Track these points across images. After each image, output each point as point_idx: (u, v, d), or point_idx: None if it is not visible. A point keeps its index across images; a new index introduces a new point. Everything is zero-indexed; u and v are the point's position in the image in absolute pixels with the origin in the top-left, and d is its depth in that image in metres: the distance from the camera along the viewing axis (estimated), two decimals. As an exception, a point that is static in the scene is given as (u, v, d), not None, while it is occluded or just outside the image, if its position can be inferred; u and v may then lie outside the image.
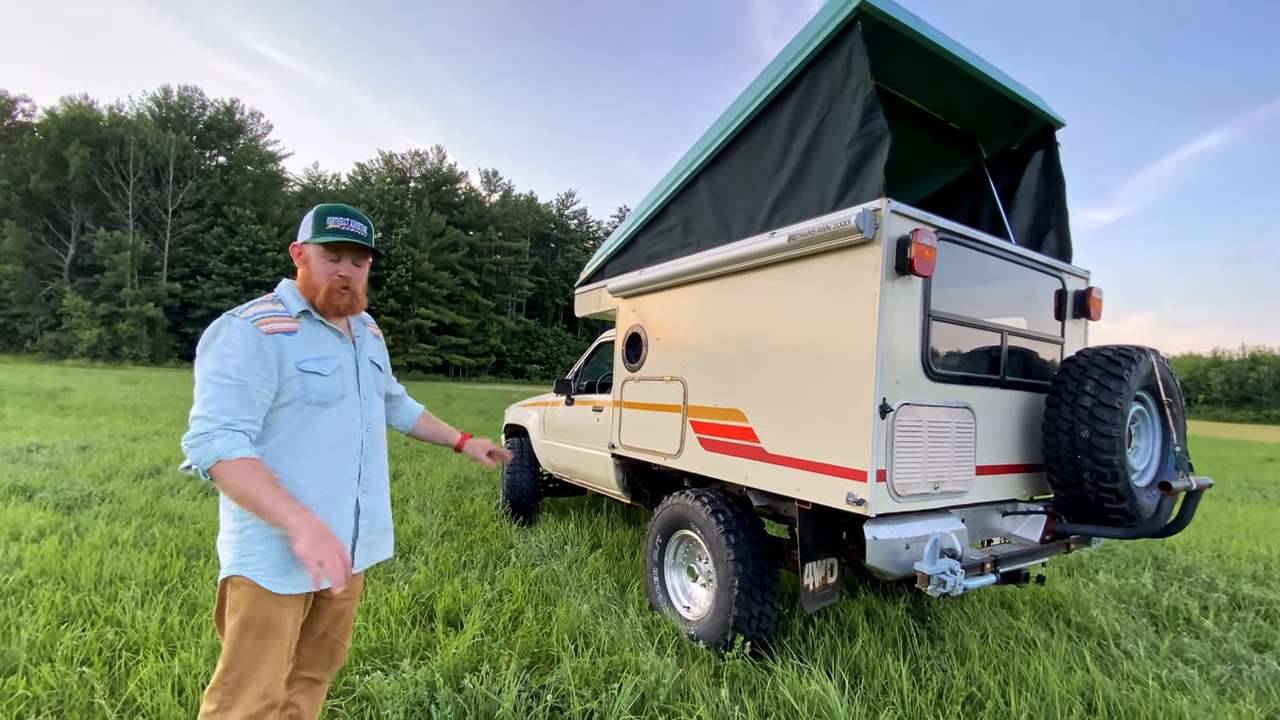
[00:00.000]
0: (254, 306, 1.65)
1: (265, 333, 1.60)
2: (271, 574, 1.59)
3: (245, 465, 1.48)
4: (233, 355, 1.54)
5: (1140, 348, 3.00)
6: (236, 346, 1.55)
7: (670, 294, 3.80)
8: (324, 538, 1.46)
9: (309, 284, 1.74)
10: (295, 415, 1.66)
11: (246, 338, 1.57)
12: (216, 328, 1.58)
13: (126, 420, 11.36)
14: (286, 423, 1.65)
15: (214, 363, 1.54)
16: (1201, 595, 4.40)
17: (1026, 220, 3.85)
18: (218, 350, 1.55)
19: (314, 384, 1.67)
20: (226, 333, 1.57)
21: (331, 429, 1.72)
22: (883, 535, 2.49)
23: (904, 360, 2.58)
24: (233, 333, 1.56)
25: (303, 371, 1.65)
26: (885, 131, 2.60)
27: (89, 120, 44.92)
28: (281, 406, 1.64)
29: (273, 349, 1.60)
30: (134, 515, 5.01)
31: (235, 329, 1.57)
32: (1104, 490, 2.83)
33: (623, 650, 2.99)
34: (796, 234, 2.75)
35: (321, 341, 1.74)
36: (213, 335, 1.57)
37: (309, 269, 1.74)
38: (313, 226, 1.73)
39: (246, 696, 1.56)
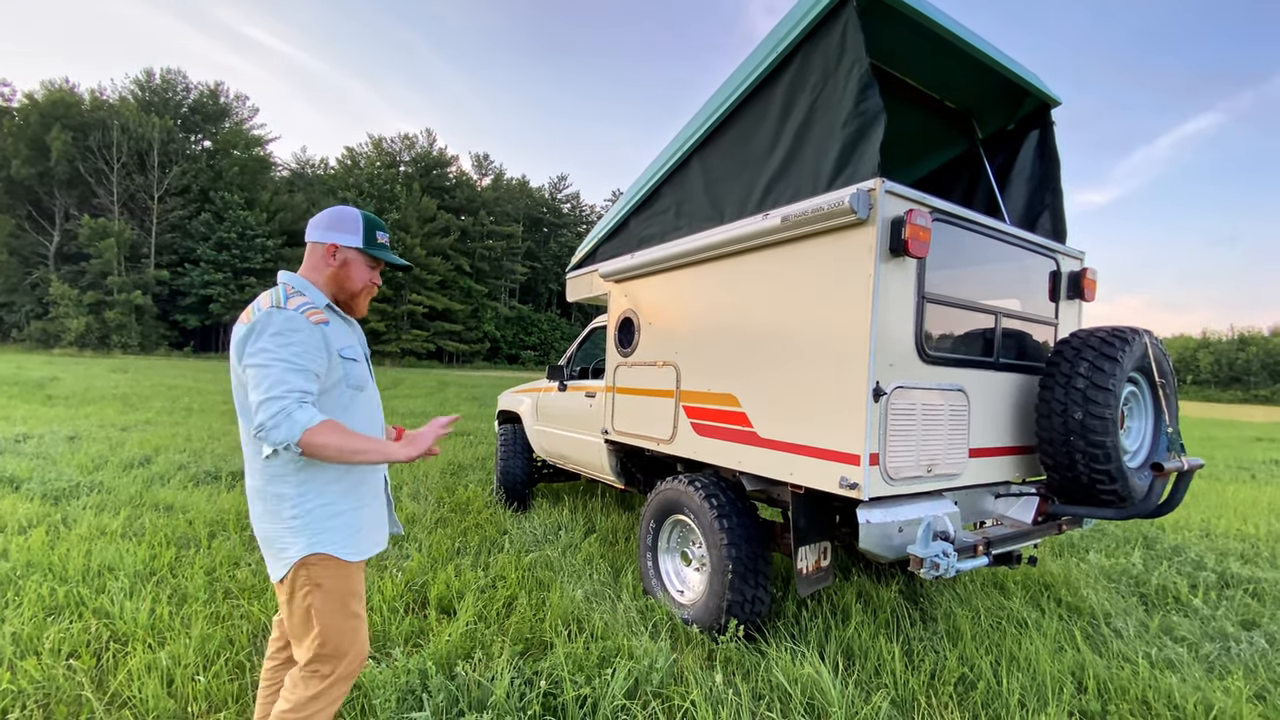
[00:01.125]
0: (293, 300, 1.71)
1: (313, 323, 1.69)
2: (346, 545, 1.75)
3: (331, 425, 1.59)
4: (291, 344, 1.62)
5: (1134, 329, 2.99)
6: (294, 336, 1.63)
7: (662, 278, 3.75)
8: (415, 441, 1.74)
9: (343, 285, 1.87)
10: (340, 398, 1.78)
11: (301, 327, 1.65)
12: (266, 320, 1.63)
13: (116, 409, 11.26)
14: (333, 405, 1.75)
15: (276, 350, 1.60)
16: (1190, 574, 4.44)
17: (1021, 201, 3.82)
18: (275, 339, 1.61)
19: (352, 370, 1.81)
20: (280, 323, 1.63)
21: (364, 410, 1.87)
22: (876, 519, 2.48)
23: (897, 343, 2.55)
24: (288, 322, 1.64)
25: (344, 359, 1.78)
26: (880, 110, 2.55)
27: (70, 104, 44.11)
28: (326, 391, 1.74)
29: (321, 337, 1.70)
30: (123, 505, 4.97)
31: (289, 319, 1.64)
32: (1096, 472, 2.82)
33: (616, 635, 2.99)
34: (790, 215, 2.71)
35: (345, 332, 1.87)
36: (263, 328, 1.62)
37: (348, 272, 1.86)
38: (363, 236, 1.85)
39: (348, 661, 1.76)
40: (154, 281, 44.02)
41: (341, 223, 1.85)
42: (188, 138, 50.50)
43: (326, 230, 1.84)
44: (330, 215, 1.87)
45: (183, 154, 48.23)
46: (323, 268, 1.85)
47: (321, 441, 1.55)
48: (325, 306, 1.80)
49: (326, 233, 1.84)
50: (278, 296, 1.70)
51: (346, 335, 1.85)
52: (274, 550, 1.73)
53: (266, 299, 1.70)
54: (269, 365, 1.58)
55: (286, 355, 1.59)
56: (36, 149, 42.70)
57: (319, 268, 1.85)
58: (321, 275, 1.85)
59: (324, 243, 1.83)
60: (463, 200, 65.19)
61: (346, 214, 1.87)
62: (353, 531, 1.77)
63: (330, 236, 1.83)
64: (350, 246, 1.84)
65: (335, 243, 1.83)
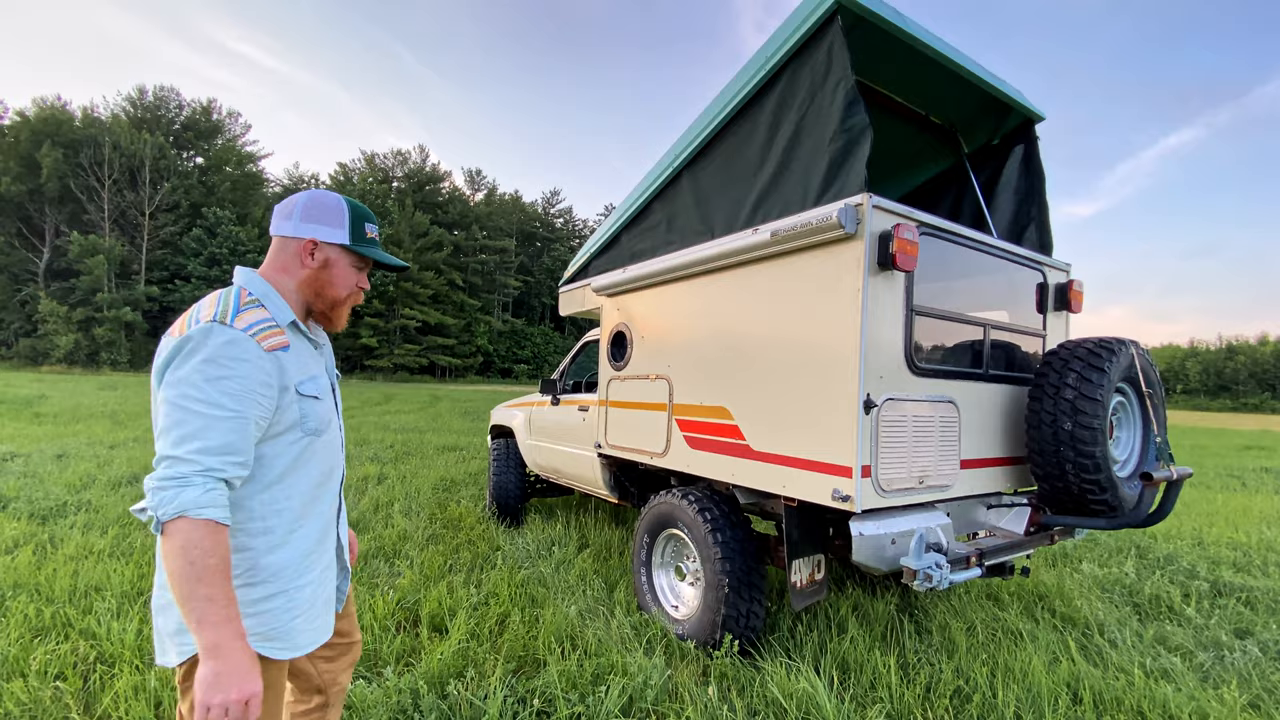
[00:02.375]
0: (244, 314, 1.29)
1: (266, 350, 1.28)
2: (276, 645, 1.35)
3: (209, 534, 1.14)
4: (228, 377, 1.20)
5: (1121, 339, 3.02)
6: (235, 367, 1.22)
7: (654, 292, 3.77)
8: (238, 678, 1.14)
9: (321, 291, 1.46)
10: (291, 447, 1.36)
11: (247, 355, 1.24)
12: (202, 336, 1.21)
13: (104, 427, 11.14)
14: (281, 456, 1.34)
15: (202, 385, 1.18)
16: (1183, 583, 4.46)
17: (1007, 214, 3.87)
18: (206, 368, 1.19)
19: (311, 409, 1.38)
20: (219, 346, 1.21)
21: (322, 459, 1.46)
22: (868, 531, 2.49)
23: (887, 355, 2.57)
24: (230, 348, 1.22)
25: (301, 395, 1.36)
26: (867, 126, 2.59)
27: (61, 121, 44.04)
28: (275, 437, 1.33)
29: (275, 370, 1.29)
30: (111, 524, 4.91)
31: (233, 343, 1.23)
32: (1086, 482, 2.84)
33: (610, 652, 2.96)
34: (779, 230, 2.74)
35: (309, 358, 1.44)
36: (196, 347, 1.20)
37: (330, 275, 1.45)
38: (350, 230, 1.44)
39: None
40: (144, 298, 43.77)
41: (322, 212, 1.43)
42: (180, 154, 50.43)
43: (302, 222, 1.41)
44: (307, 202, 1.43)
45: (174, 170, 48.14)
46: (296, 269, 1.43)
47: (180, 543, 1.12)
48: (289, 324, 1.39)
49: (302, 225, 1.41)
50: (225, 307, 1.28)
51: (310, 363, 1.43)
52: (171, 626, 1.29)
53: (209, 306, 1.28)
54: (187, 406, 1.17)
55: (215, 396, 1.19)
56: (27, 166, 42.58)
57: (290, 269, 1.43)
58: (294, 279, 1.43)
59: (298, 237, 1.41)
60: (455, 215, 65.35)
61: (327, 200, 1.44)
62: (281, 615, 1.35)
63: (307, 230, 1.41)
64: (333, 243, 1.43)
65: (314, 238, 1.42)
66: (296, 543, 1.38)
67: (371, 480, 7.19)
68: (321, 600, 1.46)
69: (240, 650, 1.16)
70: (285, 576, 1.36)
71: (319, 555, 1.46)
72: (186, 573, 1.12)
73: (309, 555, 1.41)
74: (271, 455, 1.33)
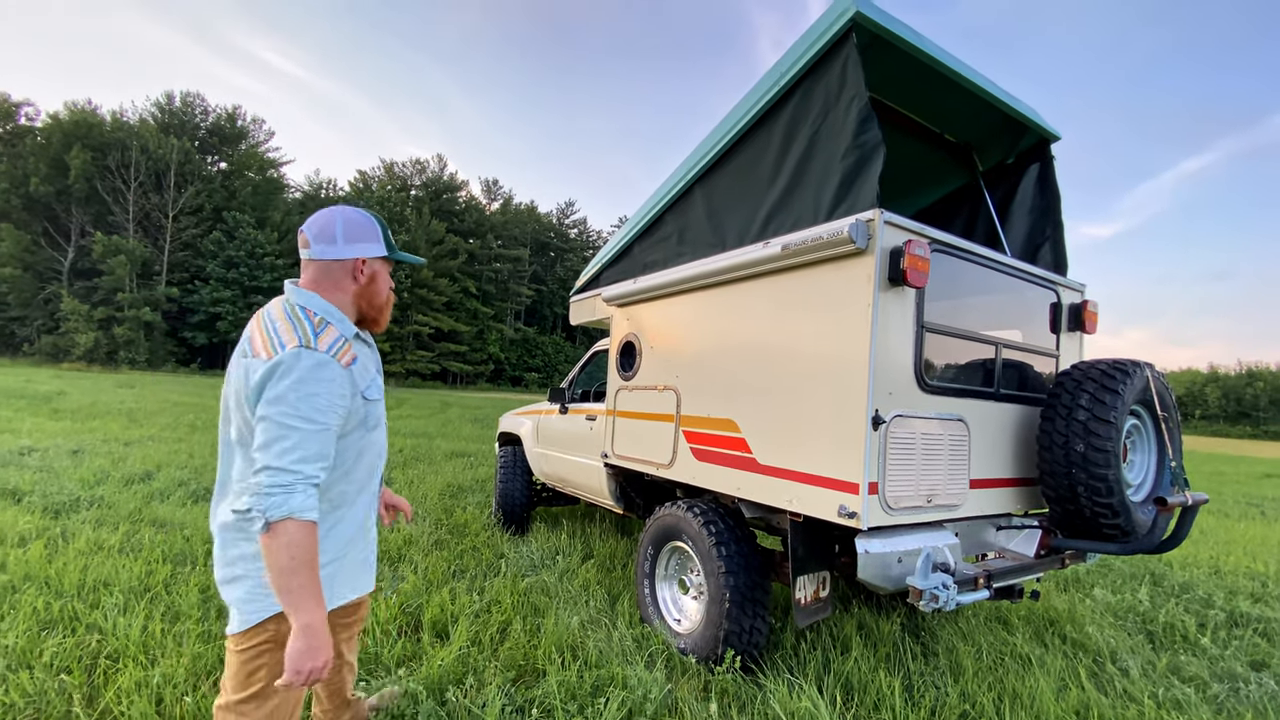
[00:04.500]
0: (323, 336, 1.47)
1: (344, 365, 1.48)
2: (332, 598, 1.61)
3: (309, 534, 1.36)
4: (316, 395, 1.40)
5: (1135, 362, 2.99)
6: (321, 387, 1.41)
7: (664, 303, 3.78)
8: (323, 650, 1.38)
9: (371, 300, 1.67)
10: (356, 443, 1.60)
11: (335, 377, 1.45)
12: (293, 360, 1.39)
13: (120, 424, 11.29)
14: (347, 451, 1.57)
15: (297, 403, 1.37)
16: (1199, 612, 4.36)
17: (1022, 233, 3.85)
18: (300, 388, 1.38)
19: (372, 410, 1.62)
20: (309, 368, 1.40)
21: (375, 448, 1.71)
22: (875, 549, 2.46)
23: (897, 371, 2.56)
24: (318, 370, 1.42)
25: (367, 400, 1.58)
26: (879, 142, 2.59)
27: (92, 124, 45.12)
28: (344, 436, 1.53)
29: (349, 383, 1.50)
30: (122, 520, 4.96)
31: (320, 365, 1.43)
32: (1099, 505, 2.80)
33: (611, 664, 2.94)
34: (790, 244, 2.74)
35: (369, 362, 1.64)
36: (288, 369, 1.39)
37: (376, 285, 1.66)
38: (384, 241, 1.65)
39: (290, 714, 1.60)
40: (164, 299, 44.49)
41: (361, 231, 1.61)
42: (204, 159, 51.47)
43: (346, 244, 1.60)
44: (344, 225, 1.60)
45: (199, 174, 49.10)
46: (348, 286, 1.62)
47: (286, 540, 1.32)
48: (353, 336, 1.59)
49: (347, 246, 1.60)
50: (305, 331, 1.46)
51: (370, 367, 1.64)
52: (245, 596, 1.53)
53: (290, 332, 1.46)
54: (286, 423, 1.36)
55: (309, 412, 1.39)
56: (56, 167, 43.59)
57: (343, 286, 1.61)
58: (348, 294, 1.62)
59: (347, 258, 1.60)
60: (471, 224, 65.97)
61: (360, 220, 1.63)
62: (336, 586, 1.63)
63: (353, 250, 1.60)
64: (377, 257, 1.64)
65: (362, 256, 1.61)
66: (351, 519, 1.66)
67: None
68: (360, 562, 1.77)
69: (324, 627, 1.40)
70: (340, 547, 1.63)
71: (366, 527, 1.75)
72: (288, 565, 1.34)
73: (359, 528, 1.70)
74: (340, 451, 1.55)
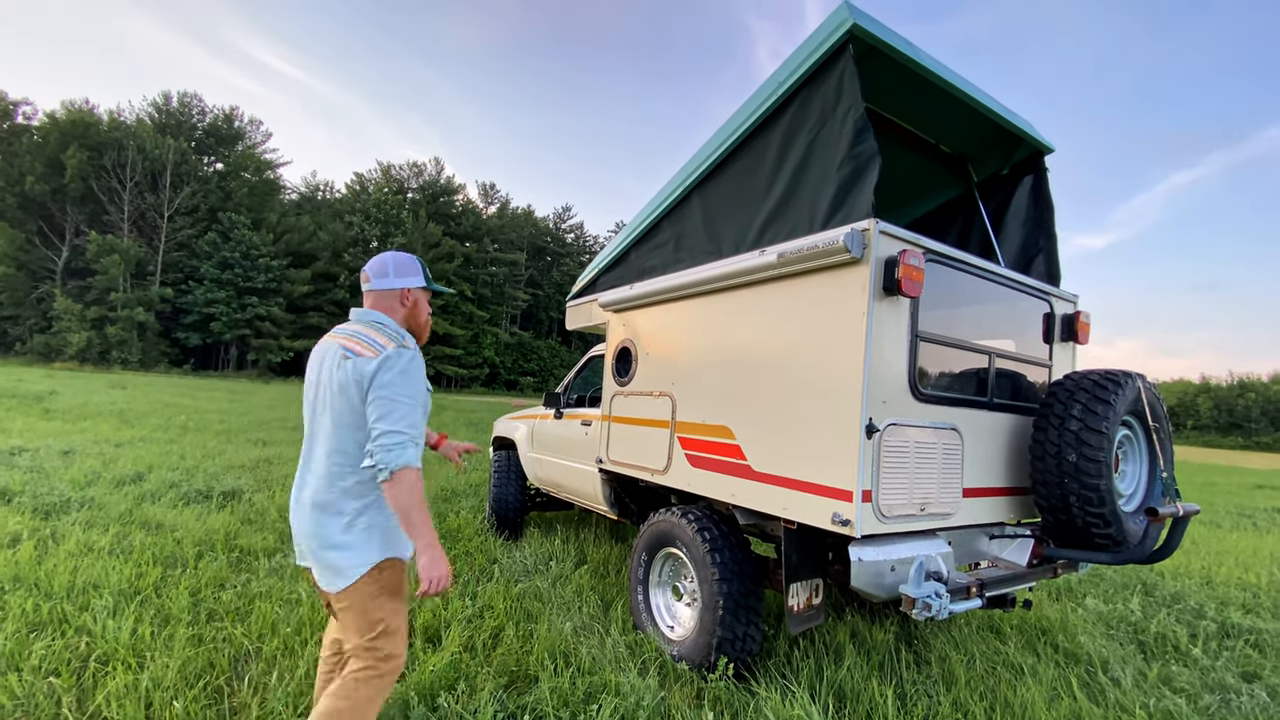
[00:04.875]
0: (407, 340, 2.03)
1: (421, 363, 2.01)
2: (405, 548, 2.03)
3: (418, 477, 1.83)
4: (413, 381, 1.91)
5: (1127, 372, 3.01)
6: (415, 375, 1.93)
7: (661, 309, 3.79)
8: (444, 562, 1.84)
9: (415, 320, 2.18)
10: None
11: (421, 367, 1.98)
12: (396, 356, 1.90)
13: (112, 425, 11.22)
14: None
15: (401, 386, 1.88)
16: (1190, 622, 4.38)
17: (1016, 244, 3.88)
18: (402, 378, 1.89)
19: (428, 399, 2.11)
20: (405, 363, 1.91)
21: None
22: (868, 556, 2.47)
23: (891, 380, 2.57)
24: (412, 362, 1.93)
25: (427, 391, 2.08)
26: (875, 153, 2.61)
27: (89, 124, 44.94)
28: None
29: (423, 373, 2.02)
30: (112, 522, 4.93)
31: (415, 358, 1.96)
32: (1090, 515, 2.82)
33: (604, 670, 2.94)
34: (786, 252, 2.76)
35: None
36: (394, 363, 1.89)
37: (418, 309, 2.19)
38: (423, 275, 2.19)
39: (401, 640, 2.00)
40: (158, 299, 44.25)
41: (407, 269, 2.15)
42: (201, 159, 51.30)
43: (396, 278, 2.13)
44: (395, 263, 2.14)
45: (195, 175, 48.94)
46: (398, 309, 2.13)
47: (406, 484, 1.79)
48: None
49: (397, 280, 2.13)
50: (397, 335, 2.01)
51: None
52: (345, 557, 1.90)
53: (384, 338, 1.96)
54: (396, 400, 1.85)
55: (410, 393, 1.88)
56: (52, 166, 43.37)
57: (394, 310, 2.12)
58: (399, 315, 2.13)
59: (396, 289, 2.12)
60: (468, 227, 65.95)
61: (406, 260, 2.17)
62: (403, 537, 2.01)
63: (401, 282, 2.13)
64: (418, 287, 2.17)
65: (407, 287, 2.13)
66: None
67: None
68: None
69: (440, 546, 1.85)
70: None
71: None
72: (410, 502, 1.79)
73: None
74: None
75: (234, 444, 10.01)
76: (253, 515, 5.52)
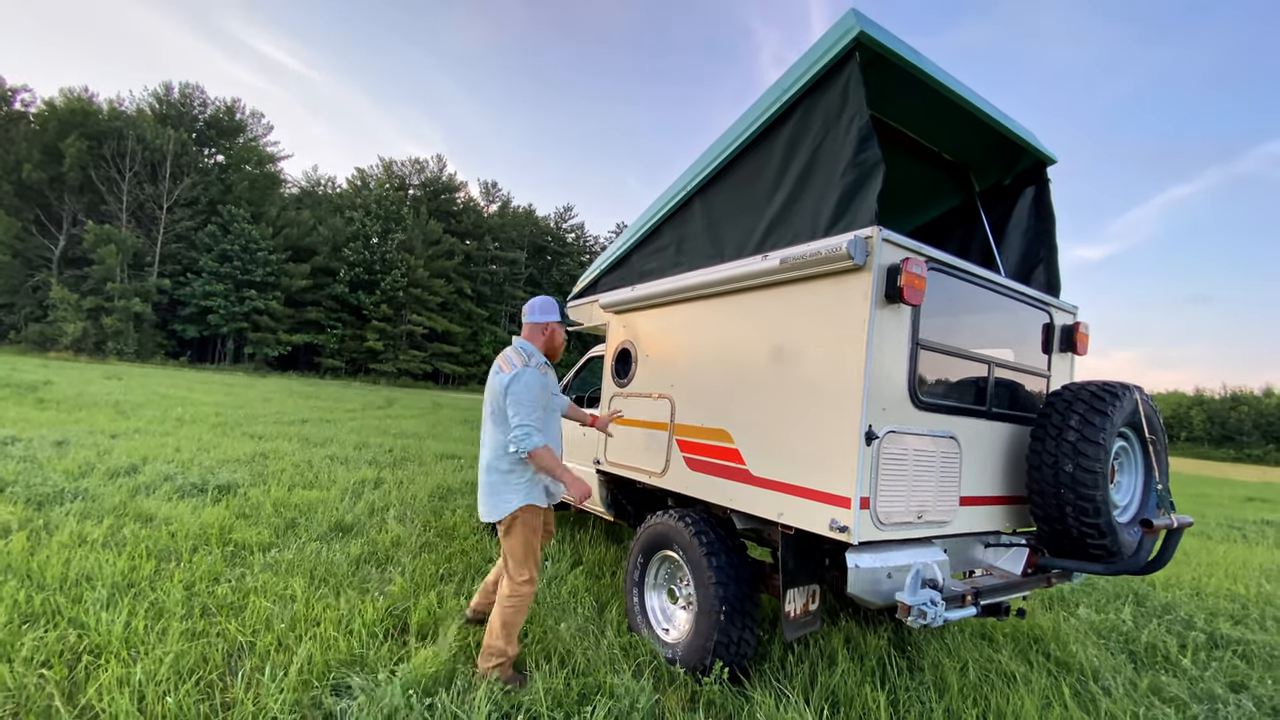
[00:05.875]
0: (532, 359, 3.01)
1: (542, 373, 2.96)
2: (540, 499, 2.99)
3: (547, 450, 2.81)
4: (530, 388, 2.85)
5: (1125, 384, 3.03)
6: (532, 384, 2.86)
7: (661, 311, 3.80)
8: (583, 484, 2.87)
9: (553, 346, 3.17)
10: (549, 416, 3.02)
11: (534, 381, 2.88)
12: (522, 371, 2.88)
13: (107, 416, 11.17)
14: (547, 420, 2.97)
15: (525, 393, 2.83)
16: (1180, 633, 4.40)
17: (1016, 254, 3.90)
18: (525, 386, 2.84)
19: (555, 401, 3.11)
20: (529, 377, 2.87)
21: (556, 423, 3.16)
22: (865, 563, 2.48)
23: (891, 388, 2.58)
24: (535, 375, 2.90)
25: (554, 395, 3.10)
26: (879, 161, 2.63)
27: (88, 113, 44.75)
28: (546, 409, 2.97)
29: (543, 383, 2.95)
30: (106, 514, 4.91)
31: (535, 374, 2.90)
32: (1086, 525, 2.83)
33: (598, 672, 2.94)
34: (789, 257, 2.77)
35: (553, 375, 3.16)
36: (519, 377, 2.85)
37: (555, 338, 3.18)
38: (561, 315, 3.20)
39: (537, 563, 3.01)
40: (155, 290, 44.08)
41: (548, 308, 3.16)
42: (201, 151, 51.13)
43: (542, 314, 3.13)
44: (540, 305, 3.16)
45: (195, 167, 48.78)
46: (539, 338, 3.13)
47: (543, 455, 2.79)
48: (544, 362, 3.08)
49: (542, 316, 3.13)
50: (523, 359, 2.95)
51: (554, 379, 3.15)
52: (500, 501, 2.92)
53: (519, 359, 2.95)
54: (521, 402, 2.80)
55: (530, 398, 2.82)
56: (50, 154, 43.16)
57: (536, 338, 3.13)
58: (539, 343, 3.12)
59: (542, 322, 3.13)
60: (469, 225, 65.92)
61: (548, 302, 3.17)
62: (543, 493, 3.00)
63: (545, 318, 3.13)
64: (558, 322, 3.16)
65: (547, 322, 3.14)
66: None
67: (369, 484, 7.18)
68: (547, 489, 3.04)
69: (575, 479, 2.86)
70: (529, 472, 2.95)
71: None
72: (547, 465, 2.82)
73: None
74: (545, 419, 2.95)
75: (230, 437, 9.97)
76: (248, 509, 5.50)
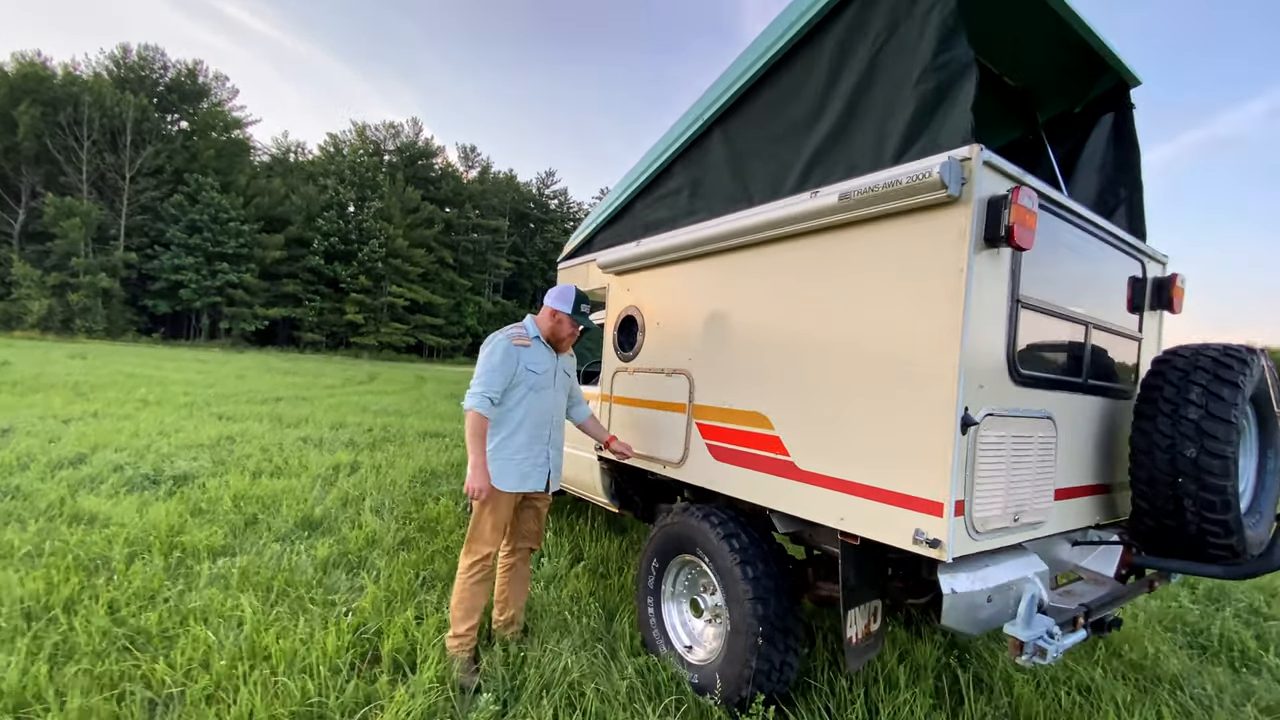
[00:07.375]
0: (509, 329, 2.93)
1: (516, 344, 2.86)
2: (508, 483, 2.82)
3: (480, 420, 2.73)
4: (496, 353, 2.80)
5: (1250, 348, 2.47)
6: (499, 350, 2.81)
7: (674, 270, 3.18)
8: (480, 478, 2.70)
9: (558, 335, 2.99)
10: (515, 393, 2.85)
11: (503, 348, 2.82)
12: (491, 338, 2.86)
13: (64, 398, 10.39)
14: (509, 396, 2.85)
15: (487, 358, 2.80)
16: (1255, 623, 3.96)
17: (1090, 194, 3.30)
18: (489, 351, 2.82)
19: (527, 380, 2.87)
20: (496, 343, 2.83)
21: (535, 407, 2.90)
22: (962, 587, 1.92)
23: (989, 359, 2.00)
24: (501, 343, 2.83)
25: (529, 371, 2.87)
26: (970, 61, 2.00)
27: (41, 78, 42.19)
28: (514, 387, 2.85)
29: (519, 355, 2.85)
30: (36, 516, 4.28)
31: (502, 343, 2.83)
32: (1209, 521, 2.30)
33: (614, 712, 2.40)
34: (850, 192, 2.14)
35: (542, 356, 2.95)
36: (489, 342, 2.86)
37: (560, 329, 2.98)
38: (573, 307, 2.94)
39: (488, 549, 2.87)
40: (122, 264, 42.28)
41: (560, 298, 2.95)
42: (163, 117, 48.59)
43: (553, 301, 2.96)
44: (559, 292, 2.97)
45: (157, 134, 46.40)
46: (546, 321, 2.98)
47: (468, 420, 2.73)
48: (534, 337, 2.95)
49: (553, 303, 2.96)
50: (515, 332, 2.91)
51: (542, 358, 2.94)
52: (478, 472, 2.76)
53: (510, 328, 2.96)
54: (480, 364, 2.81)
55: (488, 364, 2.78)
56: (3, 123, 40.82)
57: (544, 321, 2.99)
58: (544, 326, 2.98)
59: (549, 308, 2.97)
60: (448, 192, 63.95)
61: (566, 291, 2.97)
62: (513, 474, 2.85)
63: (554, 305, 2.96)
64: (565, 312, 2.94)
65: (554, 309, 2.95)
66: (512, 440, 2.86)
67: (343, 470, 6.56)
68: (518, 474, 2.86)
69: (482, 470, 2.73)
70: (503, 453, 2.83)
71: (525, 451, 2.87)
72: (471, 436, 2.74)
73: (517, 448, 2.86)
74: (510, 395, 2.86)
75: (195, 419, 9.27)
76: (204, 504, 4.88)
